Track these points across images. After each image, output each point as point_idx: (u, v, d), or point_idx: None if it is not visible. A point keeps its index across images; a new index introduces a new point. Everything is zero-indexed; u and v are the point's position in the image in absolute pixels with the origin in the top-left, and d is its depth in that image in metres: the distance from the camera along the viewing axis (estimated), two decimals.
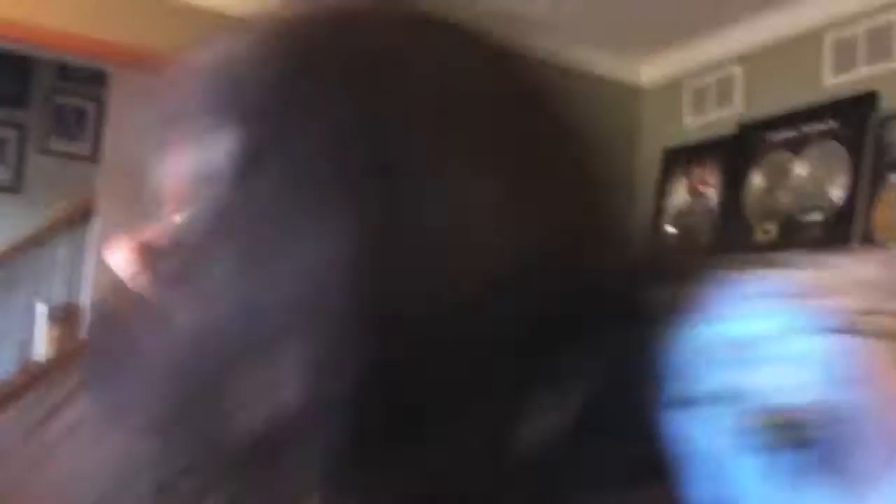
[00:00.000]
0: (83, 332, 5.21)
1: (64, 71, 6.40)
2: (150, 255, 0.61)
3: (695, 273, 0.55)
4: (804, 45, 3.71)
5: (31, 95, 6.46)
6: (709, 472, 0.46)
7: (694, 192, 4.10)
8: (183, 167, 0.60)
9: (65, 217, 5.71)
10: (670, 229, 4.17)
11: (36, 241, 5.68)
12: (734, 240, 3.81)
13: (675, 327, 0.50)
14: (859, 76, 3.50)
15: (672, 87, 4.38)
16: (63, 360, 5.18)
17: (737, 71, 4.04)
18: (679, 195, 4.17)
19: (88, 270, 5.31)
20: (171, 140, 0.63)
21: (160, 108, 0.66)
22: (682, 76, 4.32)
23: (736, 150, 3.93)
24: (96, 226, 5.35)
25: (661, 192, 4.27)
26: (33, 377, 5.13)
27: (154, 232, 0.62)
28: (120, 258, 0.62)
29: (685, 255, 0.89)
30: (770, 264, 0.56)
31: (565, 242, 0.55)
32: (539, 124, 0.62)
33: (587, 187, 0.62)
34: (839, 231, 3.39)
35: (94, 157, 6.07)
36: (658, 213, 4.24)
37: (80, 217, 5.66)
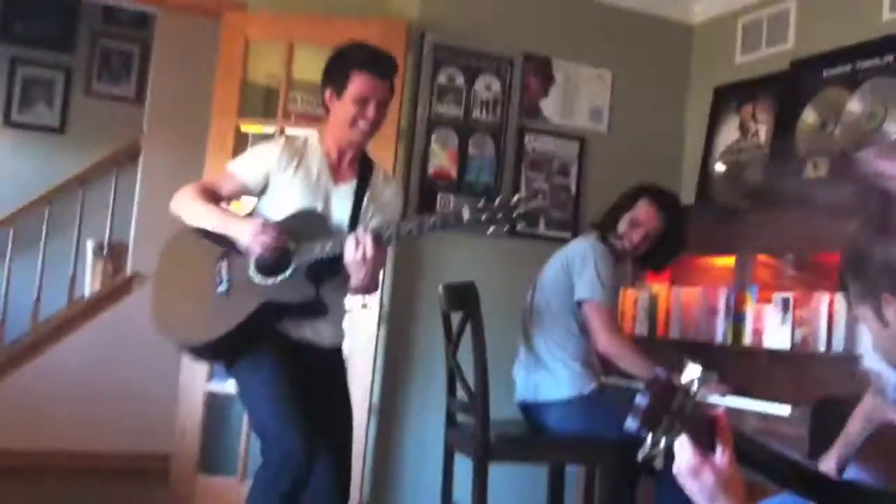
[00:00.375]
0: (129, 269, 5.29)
1: (109, 14, 6.42)
2: None
3: None
4: None
5: (76, 39, 6.50)
6: None
7: (744, 130, 4.03)
8: None
9: (111, 157, 5.76)
10: (719, 166, 4.11)
11: (83, 181, 5.73)
12: (784, 176, 3.75)
13: None
14: None
15: (724, 24, 4.28)
16: (110, 294, 5.26)
17: (790, 6, 3.94)
18: (729, 133, 4.10)
19: (134, 209, 5.36)
20: None
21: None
22: (734, 13, 4.22)
23: (788, 87, 3.84)
24: (142, 166, 5.40)
25: (712, 130, 4.19)
26: (82, 311, 5.21)
27: None
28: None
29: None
30: None
31: None
32: None
33: None
34: None
35: (138, 99, 6.10)
36: (707, 150, 4.18)
37: (126, 157, 5.71)
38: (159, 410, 4.37)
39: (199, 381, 3.72)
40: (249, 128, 4.02)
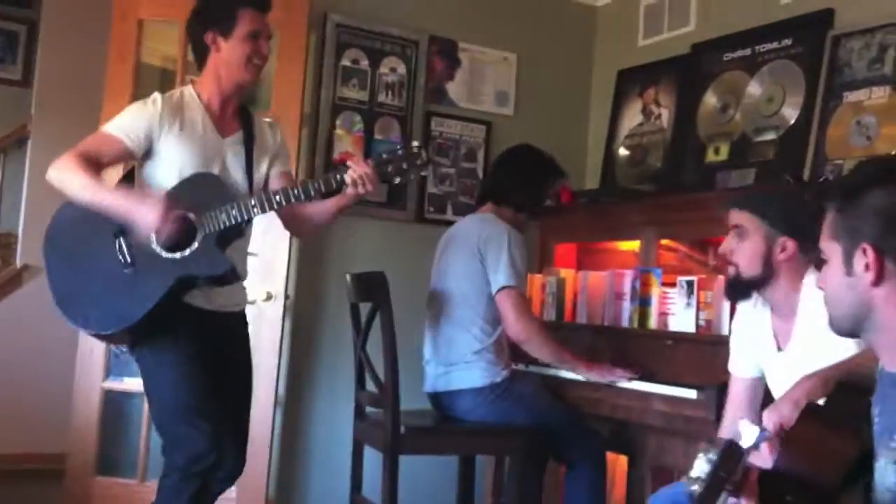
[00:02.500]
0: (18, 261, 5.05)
1: None
2: None
3: None
4: None
5: None
6: None
7: (647, 113, 4.06)
8: None
9: None
10: (623, 150, 4.13)
11: None
12: (685, 160, 3.79)
13: None
14: None
15: (627, 7, 4.30)
16: None
17: None
18: (632, 116, 4.13)
19: (23, 197, 5.11)
20: None
21: None
22: None
23: (690, 71, 3.88)
24: (30, 152, 5.16)
25: (615, 113, 4.22)
26: None
27: None
28: None
29: None
30: None
31: None
32: None
33: None
34: (792, 150, 3.37)
35: (26, 82, 5.82)
36: (611, 134, 4.20)
37: (13, 144, 5.44)
38: (54, 408, 4.19)
39: (96, 379, 3.57)
40: None
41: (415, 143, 2.59)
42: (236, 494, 3.47)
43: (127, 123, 2.55)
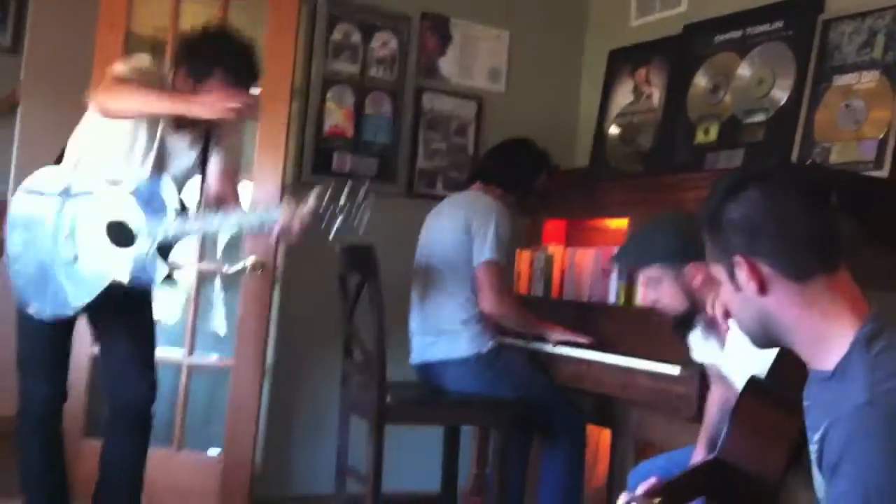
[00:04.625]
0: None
1: None
2: None
3: None
4: None
5: None
6: None
7: (638, 93, 4.08)
8: None
9: None
10: (614, 129, 4.15)
11: None
12: (675, 140, 3.81)
13: None
14: None
15: None
16: None
17: None
18: (623, 96, 4.15)
19: (13, 164, 5.09)
20: None
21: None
22: None
23: (681, 51, 3.90)
24: (20, 118, 5.13)
25: (607, 92, 4.23)
26: None
27: None
28: None
29: None
30: None
31: None
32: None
33: None
34: (781, 133, 3.40)
35: (15, 49, 5.77)
36: (602, 113, 4.21)
37: (4, 108, 5.41)
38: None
39: (84, 346, 3.57)
40: None
41: (361, 194, 2.45)
42: (223, 461, 3.51)
43: (131, 67, 2.60)
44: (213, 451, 3.61)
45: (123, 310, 2.74)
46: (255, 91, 2.71)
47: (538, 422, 3.17)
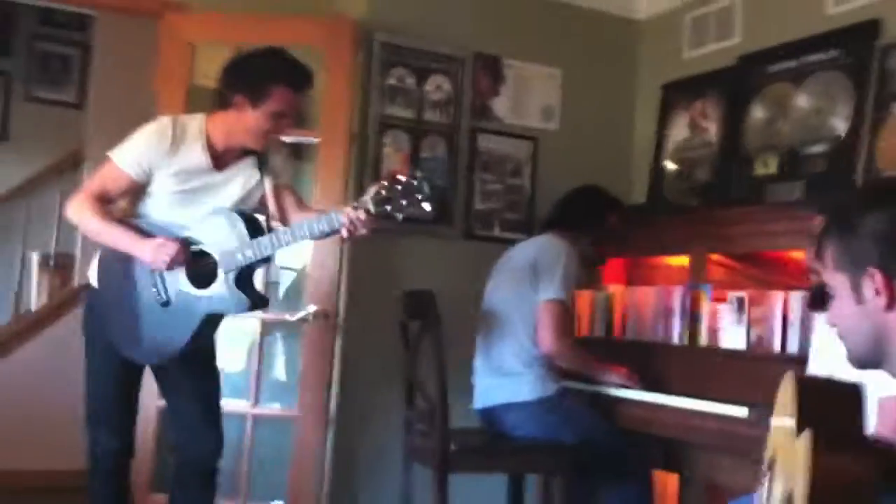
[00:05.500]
0: (76, 280, 5.17)
1: (47, 16, 6.26)
2: None
3: None
4: None
5: (14, 42, 6.33)
6: None
7: (694, 127, 4.04)
8: None
9: (55, 165, 5.62)
10: (670, 164, 4.11)
11: (26, 191, 5.60)
12: (733, 174, 3.76)
13: None
14: (861, 3, 3.41)
15: (671, 20, 4.28)
16: (56, 307, 5.13)
17: (737, 1, 3.95)
18: (679, 130, 4.11)
19: None
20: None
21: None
22: (680, 8, 4.23)
23: (736, 83, 3.85)
24: (86, 173, 5.27)
25: (662, 127, 4.20)
26: (27, 326, 5.08)
27: None
28: None
29: None
30: None
31: None
32: None
33: None
34: (841, 162, 3.34)
35: (79, 104, 5.96)
36: (658, 148, 4.18)
37: (69, 164, 5.57)
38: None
39: (152, 396, 3.62)
40: None
41: (417, 175, 2.51)
42: None
43: (134, 156, 2.64)
44: (278, 502, 3.63)
45: (190, 362, 2.76)
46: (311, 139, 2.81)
47: (603, 467, 3.12)
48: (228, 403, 2.99)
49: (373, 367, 3.82)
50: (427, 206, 2.47)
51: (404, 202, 2.46)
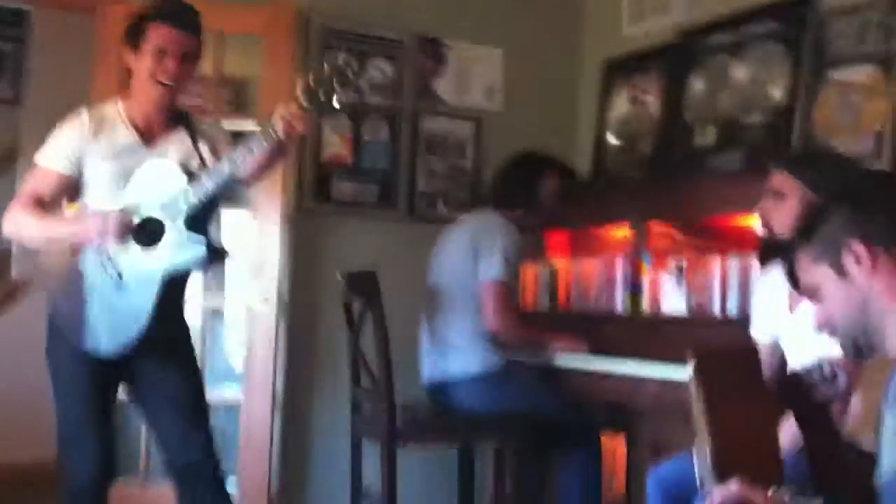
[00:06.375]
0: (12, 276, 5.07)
1: None
2: None
3: None
4: None
5: None
6: None
7: (635, 101, 4.06)
8: None
9: None
10: (613, 139, 4.13)
11: None
12: (674, 146, 3.79)
13: None
14: None
15: None
16: None
17: None
18: (621, 105, 4.13)
19: None
20: None
21: None
22: None
23: (676, 57, 3.88)
24: (20, 170, 5.17)
25: (604, 103, 4.22)
26: None
27: None
28: None
29: None
30: None
31: None
32: None
33: None
34: (779, 131, 3.37)
35: (15, 100, 5.83)
36: (601, 123, 4.20)
37: (4, 161, 5.44)
38: (52, 420, 4.20)
39: None
40: None
41: (339, 61, 2.36)
42: (240, 496, 3.48)
43: (56, 150, 2.53)
44: (230, 488, 3.57)
45: (165, 356, 2.57)
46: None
47: (552, 437, 3.13)
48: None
49: (319, 348, 3.79)
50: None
51: (337, 88, 2.32)
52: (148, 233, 2.45)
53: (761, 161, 3.29)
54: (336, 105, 2.36)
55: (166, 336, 2.53)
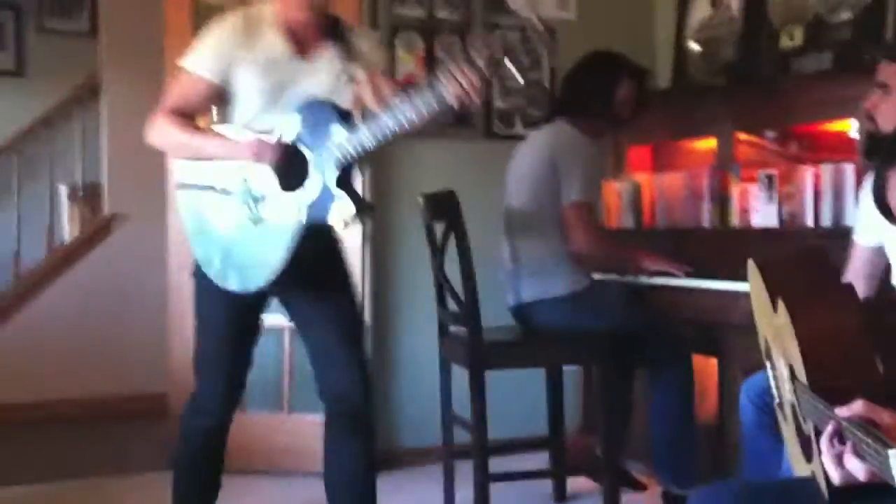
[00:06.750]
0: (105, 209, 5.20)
1: None
2: None
3: None
4: None
5: None
6: None
7: (716, 4, 3.89)
8: None
9: (73, 95, 5.59)
10: (694, 45, 3.98)
11: (47, 124, 5.59)
12: (759, 50, 3.63)
13: None
14: None
15: None
16: (90, 237, 5.18)
17: None
18: (701, 8, 3.96)
19: (104, 147, 5.23)
20: None
21: None
22: None
23: None
24: (104, 101, 5.25)
25: (683, 7, 4.06)
26: (63, 257, 5.14)
27: None
28: None
29: None
30: None
31: None
32: None
33: None
34: (869, 28, 3.20)
35: (94, 33, 5.89)
36: (680, 29, 4.05)
37: (88, 93, 5.54)
38: (151, 351, 4.36)
39: (188, 317, 3.66)
40: None
41: (531, 18, 2.13)
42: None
43: (203, 55, 2.36)
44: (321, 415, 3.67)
45: (317, 288, 2.44)
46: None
47: (643, 354, 3.11)
48: (266, 318, 2.82)
49: (403, 271, 3.82)
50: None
51: (519, 61, 2.12)
52: (295, 170, 2.27)
53: (852, 61, 3.15)
54: (519, 78, 2.14)
55: (316, 254, 2.35)
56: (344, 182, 2.27)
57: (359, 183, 2.51)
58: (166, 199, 3.62)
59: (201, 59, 2.36)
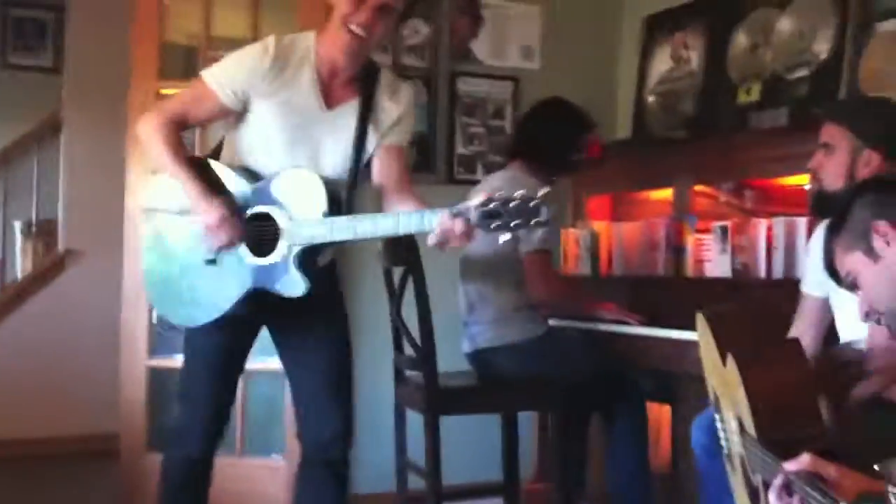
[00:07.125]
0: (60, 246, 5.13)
1: None
2: None
3: None
4: None
5: None
6: None
7: (677, 58, 3.97)
8: None
9: (33, 131, 5.54)
10: (654, 98, 4.05)
11: (6, 159, 5.54)
12: (718, 104, 3.71)
13: None
14: None
15: None
16: (43, 273, 5.10)
17: None
18: (662, 62, 4.04)
19: (60, 184, 5.18)
20: None
21: None
22: None
23: (718, 11, 3.79)
24: (64, 138, 5.21)
25: (644, 60, 4.13)
26: (15, 293, 5.05)
27: None
28: None
29: None
30: None
31: None
32: None
33: None
34: (825, 86, 3.28)
35: (56, 69, 5.86)
36: (641, 82, 4.12)
37: (48, 130, 5.49)
38: (103, 390, 4.28)
39: (141, 357, 3.63)
40: (170, 91, 3.86)
41: (539, 194, 1.96)
42: (286, 465, 3.52)
43: (228, 74, 2.26)
44: (276, 457, 3.62)
45: (311, 316, 2.36)
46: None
47: (598, 401, 3.12)
48: None
49: (360, 316, 3.79)
50: (540, 231, 2.27)
51: (515, 222, 1.96)
52: (259, 235, 2.22)
53: (807, 118, 3.22)
54: (506, 236, 2.01)
55: (316, 294, 2.25)
56: (305, 260, 2.21)
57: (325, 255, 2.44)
58: (123, 237, 3.59)
59: (223, 78, 2.27)
